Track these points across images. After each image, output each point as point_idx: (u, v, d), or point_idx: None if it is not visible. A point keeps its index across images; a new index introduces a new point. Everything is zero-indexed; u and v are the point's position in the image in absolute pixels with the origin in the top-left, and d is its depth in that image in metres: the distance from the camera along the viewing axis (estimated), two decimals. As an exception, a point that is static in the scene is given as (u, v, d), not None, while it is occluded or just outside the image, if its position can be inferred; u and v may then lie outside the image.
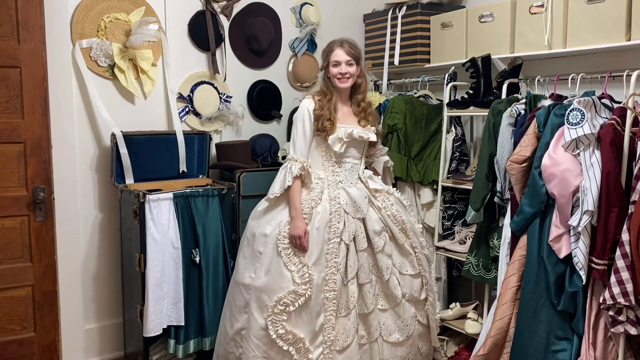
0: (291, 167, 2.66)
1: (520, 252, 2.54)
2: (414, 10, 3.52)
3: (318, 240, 2.61)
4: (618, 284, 2.18)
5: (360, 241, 2.67)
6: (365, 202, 2.72)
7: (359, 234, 2.68)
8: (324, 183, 2.73)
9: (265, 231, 2.66)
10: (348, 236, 2.65)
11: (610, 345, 2.34)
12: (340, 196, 2.70)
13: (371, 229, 2.69)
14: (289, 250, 2.59)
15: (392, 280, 2.71)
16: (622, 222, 2.22)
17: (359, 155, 2.83)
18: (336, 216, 2.65)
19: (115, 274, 3.20)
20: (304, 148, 2.71)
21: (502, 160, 2.70)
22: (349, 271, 2.63)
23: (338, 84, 2.74)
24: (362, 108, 2.83)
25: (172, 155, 3.22)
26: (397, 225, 2.74)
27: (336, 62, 2.73)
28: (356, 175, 2.80)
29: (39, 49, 2.62)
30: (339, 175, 2.76)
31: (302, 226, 2.59)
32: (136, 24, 3.06)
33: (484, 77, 3.07)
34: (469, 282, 3.47)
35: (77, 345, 3.06)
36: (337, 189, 2.72)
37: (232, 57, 3.52)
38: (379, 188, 2.81)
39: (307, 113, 2.72)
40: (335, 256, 2.60)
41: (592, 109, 2.36)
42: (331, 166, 2.76)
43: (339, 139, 2.71)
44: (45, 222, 2.69)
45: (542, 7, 2.84)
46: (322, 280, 2.58)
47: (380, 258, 2.69)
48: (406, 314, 2.74)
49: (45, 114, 2.66)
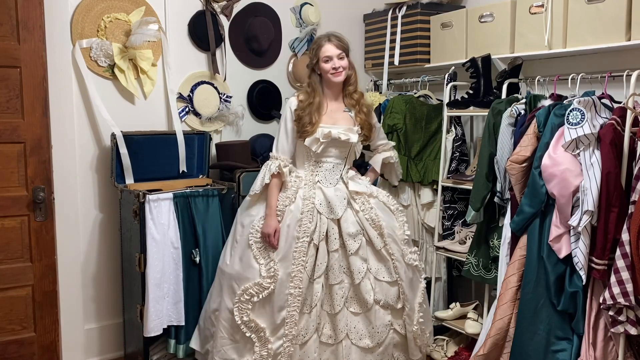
0: (270, 165, 2.72)
1: (520, 252, 2.54)
2: (414, 10, 3.52)
3: (288, 237, 2.64)
4: (618, 284, 2.18)
5: (332, 242, 2.67)
6: (341, 203, 2.70)
7: (332, 235, 2.68)
8: (301, 182, 2.74)
9: (243, 221, 2.76)
10: (318, 236, 2.65)
11: (610, 345, 2.34)
12: (315, 196, 2.71)
13: (345, 230, 2.67)
14: (260, 244, 2.66)
15: (365, 285, 2.68)
16: (622, 222, 2.22)
17: (343, 155, 2.79)
18: (308, 215, 2.66)
19: (115, 274, 3.20)
20: (286, 146, 2.74)
21: (502, 160, 2.70)
22: (315, 270, 2.65)
23: (333, 79, 2.72)
24: (356, 100, 2.81)
25: (172, 155, 3.22)
26: (375, 229, 2.71)
27: (327, 57, 2.70)
28: (337, 176, 2.77)
29: (39, 49, 2.61)
30: (318, 175, 2.76)
31: (273, 225, 2.64)
32: (136, 24, 3.06)
33: (484, 77, 3.07)
34: (469, 282, 3.47)
35: (77, 345, 3.06)
36: (314, 188, 2.73)
37: (232, 57, 3.52)
38: (360, 190, 2.77)
39: (289, 112, 2.74)
40: (303, 254, 2.62)
41: (592, 109, 2.36)
42: (311, 165, 2.77)
43: (315, 140, 2.70)
44: (45, 222, 2.69)
45: (542, 7, 2.84)
46: (287, 276, 2.61)
47: (354, 261, 2.67)
48: (378, 321, 2.70)
49: (45, 114, 2.66)
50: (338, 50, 2.70)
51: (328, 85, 2.77)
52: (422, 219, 3.39)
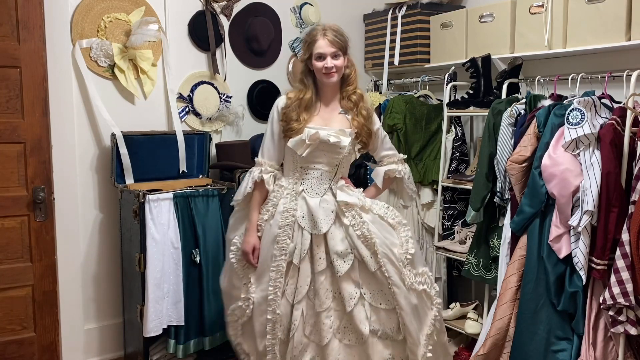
0: (253, 172, 2.42)
1: (520, 252, 2.54)
2: (414, 10, 3.52)
3: (265, 256, 2.35)
4: (618, 284, 2.18)
5: (317, 262, 2.30)
6: (327, 216, 2.32)
7: (317, 254, 2.30)
8: (283, 192, 2.39)
9: (230, 236, 2.51)
10: (299, 255, 2.30)
11: (610, 345, 2.34)
12: (297, 207, 2.35)
13: (333, 249, 2.29)
14: (242, 263, 2.42)
15: (358, 313, 2.29)
16: (622, 222, 2.22)
17: (334, 162, 2.39)
18: (287, 231, 2.32)
19: (115, 274, 3.20)
20: (272, 150, 2.43)
21: (502, 160, 2.70)
22: (296, 294, 2.31)
23: (324, 79, 2.36)
24: (354, 102, 2.42)
25: (172, 155, 3.22)
26: (368, 248, 2.31)
27: (320, 54, 2.33)
28: (325, 185, 2.38)
29: (39, 49, 2.62)
30: (303, 184, 2.38)
31: (251, 241, 2.37)
32: (136, 24, 3.06)
33: (484, 77, 3.07)
34: (469, 282, 3.47)
35: (77, 345, 3.06)
36: (296, 199, 2.36)
37: (232, 57, 3.52)
38: (351, 202, 2.35)
39: (276, 112, 2.42)
40: (280, 275, 2.30)
41: (592, 109, 2.36)
42: (297, 172, 2.40)
43: (301, 142, 2.32)
44: (45, 222, 2.69)
45: (542, 7, 2.84)
46: (264, 299, 2.32)
47: (344, 285, 2.29)
48: (376, 356, 2.32)
49: (45, 114, 2.66)
50: (333, 48, 2.33)
51: (322, 84, 2.41)
52: (422, 219, 3.39)
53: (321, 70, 2.35)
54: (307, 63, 2.40)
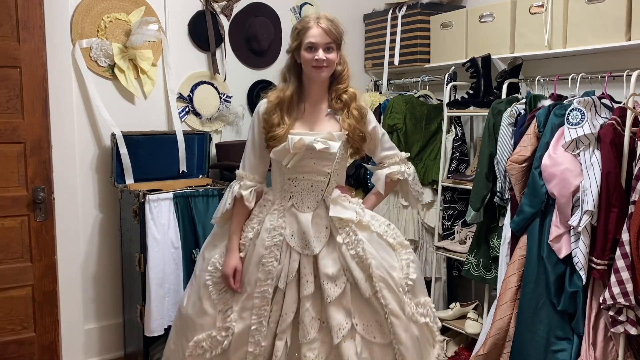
0: (233, 187, 2.14)
1: (520, 252, 2.54)
2: (414, 10, 3.52)
3: (249, 280, 2.05)
4: (618, 284, 2.18)
5: (304, 285, 2.01)
6: (320, 234, 2.05)
7: (305, 276, 2.02)
8: (270, 207, 2.11)
9: (205, 253, 2.18)
10: (285, 277, 2.01)
11: (610, 345, 2.34)
12: (286, 225, 2.06)
13: (323, 270, 2.00)
14: (220, 286, 2.09)
15: (347, 349, 1.97)
16: (622, 222, 2.22)
17: (325, 170, 2.08)
18: (274, 251, 2.03)
19: (115, 274, 3.20)
20: (254, 161, 2.13)
21: (502, 160, 2.70)
22: (280, 322, 2.02)
23: (313, 74, 2.06)
24: (345, 102, 2.11)
25: (172, 155, 3.22)
26: (363, 270, 2.02)
27: (311, 44, 2.02)
28: (318, 197, 2.09)
29: (39, 49, 2.61)
30: (293, 197, 2.09)
31: (232, 263, 2.06)
32: (136, 24, 3.06)
33: (484, 77, 3.07)
34: (469, 282, 3.47)
35: (77, 345, 3.06)
36: (284, 215, 2.08)
37: (232, 57, 3.52)
38: (345, 217, 2.05)
39: (256, 117, 2.15)
40: (266, 303, 2.01)
41: (592, 109, 2.36)
42: (285, 184, 2.10)
43: (285, 151, 2.03)
44: (45, 222, 2.69)
45: (542, 7, 2.84)
46: (246, 329, 2.02)
47: (333, 313, 1.98)
48: None
49: (45, 114, 2.66)
50: (327, 38, 2.03)
51: (309, 80, 2.11)
52: (422, 219, 3.39)
53: (310, 63, 2.03)
54: (295, 55, 2.10)
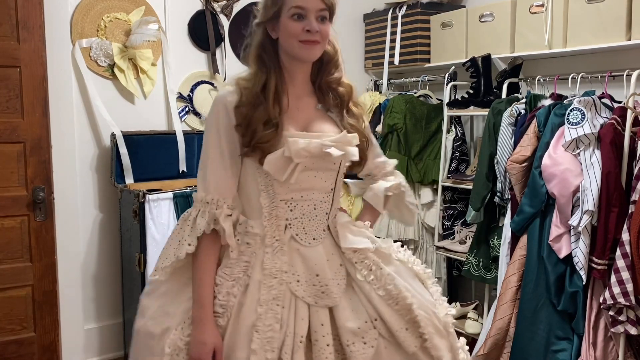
0: (195, 219, 1.46)
1: (521, 252, 2.54)
2: (414, 9, 3.52)
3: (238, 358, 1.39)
4: (618, 284, 2.18)
5: (319, 349, 1.40)
6: (337, 274, 1.48)
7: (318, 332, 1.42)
8: (258, 244, 1.46)
9: (151, 329, 1.48)
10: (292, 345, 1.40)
11: (610, 345, 2.34)
12: (288, 268, 1.45)
13: (343, 326, 1.43)
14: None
15: None
16: (622, 222, 2.22)
17: (328, 186, 1.53)
18: (274, 309, 1.40)
19: (115, 274, 3.20)
20: (224, 178, 1.46)
21: (502, 160, 2.70)
22: None
23: (302, 52, 1.45)
24: (341, 95, 1.55)
25: (172, 155, 3.22)
26: (400, 314, 1.47)
27: (300, 8, 1.43)
28: (323, 224, 1.52)
29: (39, 48, 2.61)
30: (291, 227, 1.48)
31: (208, 341, 1.39)
32: (136, 24, 3.06)
33: (484, 77, 3.07)
34: (469, 282, 3.47)
35: (77, 345, 3.06)
36: (284, 252, 1.46)
37: (232, 57, 3.51)
38: (361, 246, 1.50)
39: (222, 115, 1.45)
40: None
41: (592, 109, 2.36)
42: (276, 209, 1.47)
43: (284, 160, 1.41)
44: (45, 222, 2.69)
45: (542, 7, 2.84)
46: None
47: None
48: None
49: (45, 114, 2.66)
50: (320, 3, 1.44)
51: (291, 63, 1.50)
52: (422, 219, 3.39)
53: (298, 37, 1.43)
54: (269, 27, 1.49)
